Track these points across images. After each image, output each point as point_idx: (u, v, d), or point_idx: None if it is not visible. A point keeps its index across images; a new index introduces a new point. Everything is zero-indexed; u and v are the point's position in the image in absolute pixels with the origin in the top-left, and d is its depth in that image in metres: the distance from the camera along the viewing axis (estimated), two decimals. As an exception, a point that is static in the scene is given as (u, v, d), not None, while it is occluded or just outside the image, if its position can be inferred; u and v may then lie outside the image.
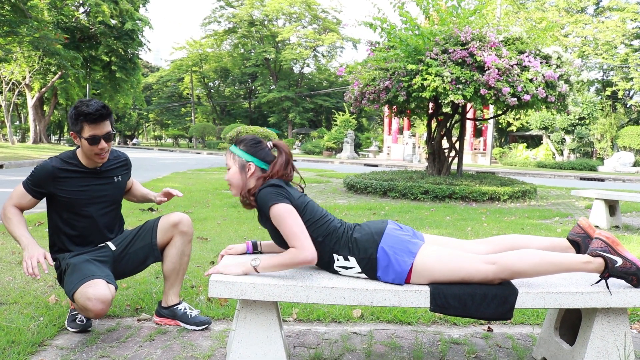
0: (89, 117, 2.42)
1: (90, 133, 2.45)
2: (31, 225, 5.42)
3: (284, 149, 2.27)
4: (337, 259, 2.13)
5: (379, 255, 2.07)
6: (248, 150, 2.26)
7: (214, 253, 4.30)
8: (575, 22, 31.93)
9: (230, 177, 2.26)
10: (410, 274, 2.05)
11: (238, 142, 2.29)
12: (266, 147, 2.29)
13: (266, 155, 2.27)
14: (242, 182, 2.25)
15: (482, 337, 2.70)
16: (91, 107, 2.43)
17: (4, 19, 20.63)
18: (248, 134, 17.39)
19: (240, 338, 2.03)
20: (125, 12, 31.13)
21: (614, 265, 2.04)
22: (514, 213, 7.72)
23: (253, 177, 2.24)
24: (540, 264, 2.03)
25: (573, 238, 2.27)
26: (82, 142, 2.48)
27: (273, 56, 46.36)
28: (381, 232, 2.13)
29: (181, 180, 11.61)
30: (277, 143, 2.31)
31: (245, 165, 2.24)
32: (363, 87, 9.63)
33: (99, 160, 2.54)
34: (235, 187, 2.26)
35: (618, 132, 27.33)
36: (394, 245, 2.08)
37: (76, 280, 2.37)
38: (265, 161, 2.25)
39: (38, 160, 17.03)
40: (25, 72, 30.34)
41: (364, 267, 2.09)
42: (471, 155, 28.03)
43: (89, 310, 2.31)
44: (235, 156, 2.27)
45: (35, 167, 2.54)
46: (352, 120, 35.85)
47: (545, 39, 9.43)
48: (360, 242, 2.11)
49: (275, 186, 2.14)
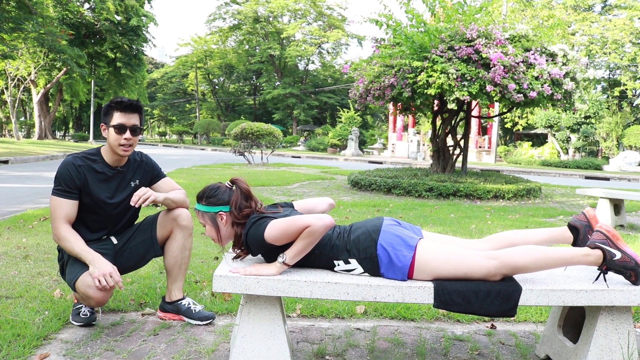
0: (120, 104, 2.51)
1: (119, 121, 2.50)
2: (36, 220, 5.45)
3: (239, 184, 2.27)
4: (337, 264, 2.12)
5: (379, 252, 2.06)
6: (209, 202, 2.25)
7: (218, 248, 4.31)
8: (582, 20, 31.75)
9: (209, 234, 2.27)
10: (413, 269, 2.04)
11: (199, 199, 2.29)
12: (226, 189, 2.28)
13: (229, 197, 2.25)
14: (223, 233, 2.25)
15: (485, 334, 2.70)
16: (124, 98, 2.54)
17: (10, 15, 20.67)
18: (251, 129, 17.12)
19: (244, 333, 2.03)
20: (130, 8, 31.20)
21: (612, 258, 2.04)
22: (518, 211, 7.71)
23: (228, 224, 2.23)
24: (540, 259, 2.03)
25: (575, 224, 2.27)
26: (109, 132, 2.52)
27: (278, 53, 46.33)
28: (378, 229, 2.12)
29: (186, 177, 11.63)
30: (234, 180, 2.30)
31: (214, 217, 2.24)
32: (368, 84, 9.61)
33: (122, 152, 2.54)
34: (219, 240, 2.27)
35: (624, 131, 27.21)
36: (392, 240, 2.07)
37: (77, 269, 2.40)
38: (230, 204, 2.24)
39: (43, 156, 17.09)
40: (30, 68, 30.42)
41: (366, 267, 2.09)
42: (476, 153, 27.95)
43: (90, 297, 2.33)
44: (203, 213, 2.27)
45: (61, 169, 2.50)
46: (356, 117, 35.82)
47: (552, 37, 9.39)
48: (359, 242, 2.10)
49: (255, 220, 2.15)
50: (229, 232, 2.25)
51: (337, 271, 2.14)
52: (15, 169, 12.77)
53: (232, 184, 2.29)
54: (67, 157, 2.56)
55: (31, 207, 6.47)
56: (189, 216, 2.72)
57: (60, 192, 2.48)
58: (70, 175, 2.48)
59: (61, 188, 2.47)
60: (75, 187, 2.49)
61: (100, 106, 46.96)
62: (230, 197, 2.25)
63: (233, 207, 2.21)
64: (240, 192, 2.25)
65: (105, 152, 2.60)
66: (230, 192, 2.26)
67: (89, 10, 32.40)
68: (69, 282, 2.46)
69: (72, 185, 2.48)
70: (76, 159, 2.54)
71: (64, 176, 2.48)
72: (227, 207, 2.23)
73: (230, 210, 2.22)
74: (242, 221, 2.21)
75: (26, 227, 5.07)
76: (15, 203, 6.94)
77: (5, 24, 20.57)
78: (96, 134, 41.37)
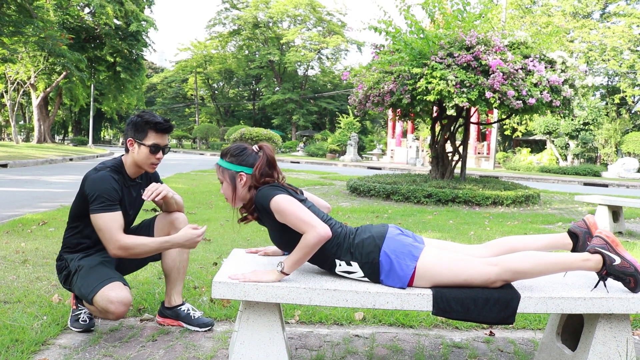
0: (159, 126, 2.50)
1: (155, 141, 2.50)
2: (35, 224, 5.44)
3: (266, 150, 2.24)
4: (339, 264, 2.13)
5: (381, 259, 2.07)
6: (234, 160, 2.22)
7: (217, 254, 4.31)
8: (581, 27, 31.86)
9: (225, 192, 2.24)
10: (413, 278, 2.05)
11: (224, 155, 2.25)
12: (252, 152, 2.25)
13: (254, 160, 2.22)
14: (238, 194, 2.22)
15: (483, 341, 2.70)
16: (159, 118, 2.51)
17: (10, 19, 20.71)
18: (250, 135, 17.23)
19: (243, 339, 2.03)
20: (130, 13, 31.24)
21: (612, 263, 2.04)
22: (517, 218, 7.71)
23: (246, 186, 2.21)
24: (540, 264, 2.04)
25: (575, 230, 2.28)
26: (141, 150, 2.50)
27: (277, 58, 46.42)
28: (383, 236, 2.13)
29: (185, 182, 11.63)
30: (262, 145, 2.27)
31: (235, 176, 2.22)
32: (367, 90, 9.64)
33: (150, 170, 2.58)
34: (232, 200, 2.24)
35: (622, 137, 27.26)
36: (396, 249, 2.08)
37: (94, 283, 2.39)
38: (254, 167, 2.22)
39: (42, 160, 17.06)
40: (30, 72, 30.42)
41: (366, 271, 2.09)
42: (475, 159, 27.99)
43: (111, 312, 2.32)
44: (224, 169, 2.24)
45: (94, 187, 2.42)
46: (355, 123, 35.87)
47: (551, 44, 9.43)
48: (362, 246, 2.11)
49: (272, 186, 2.15)
50: (244, 194, 2.22)
51: (337, 272, 2.14)
52: (14, 172, 12.76)
53: (259, 149, 2.27)
54: (100, 171, 2.49)
55: (30, 212, 6.46)
56: (185, 220, 2.73)
57: (106, 208, 2.40)
58: (114, 189, 2.45)
59: (106, 203, 2.41)
60: (118, 199, 2.47)
61: (99, 111, 47.10)
62: (255, 160, 2.21)
63: (256, 170, 2.19)
64: (266, 158, 2.22)
65: (128, 164, 2.58)
66: (256, 156, 2.23)
67: (89, 15, 32.46)
68: (84, 296, 2.42)
69: (116, 198, 2.45)
70: (111, 172, 2.50)
71: (108, 190, 2.42)
72: (250, 170, 2.20)
73: (252, 173, 2.20)
74: (261, 187, 2.18)
75: (25, 232, 5.06)
76: (14, 207, 6.93)
77: (6, 27, 20.60)
78: (95, 138, 41.38)
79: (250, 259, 2.39)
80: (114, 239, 2.37)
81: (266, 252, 2.48)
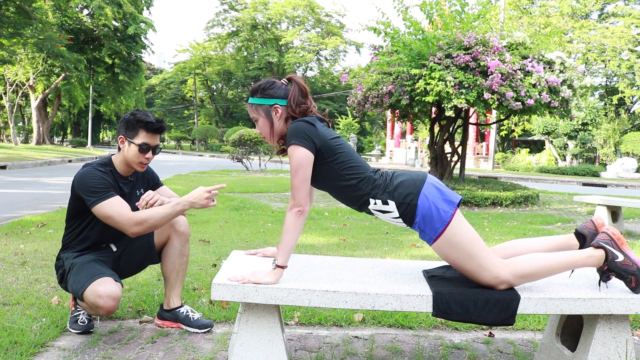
0: (150, 125, 2.50)
1: (144, 140, 2.50)
2: (34, 226, 5.43)
3: (297, 80, 2.21)
4: (374, 202, 2.10)
5: (420, 201, 2.05)
6: (265, 94, 2.18)
7: (216, 256, 4.30)
8: (579, 27, 31.89)
9: (261, 129, 2.20)
10: (444, 231, 2.03)
11: (254, 92, 2.21)
12: (282, 85, 2.22)
13: (286, 92, 2.19)
14: (275, 127, 2.19)
15: (483, 342, 2.70)
16: (151, 118, 2.52)
17: (9, 21, 20.69)
18: (249, 136, 17.14)
19: (242, 341, 2.03)
20: (129, 14, 31.23)
21: (614, 260, 2.04)
22: (516, 218, 7.71)
23: (282, 118, 2.18)
24: (547, 265, 2.05)
25: (583, 231, 2.28)
26: (131, 148, 2.50)
27: (276, 59, 46.43)
28: (423, 180, 2.11)
29: (184, 183, 11.63)
30: (291, 77, 2.24)
31: (269, 110, 2.18)
32: (366, 91, 9.64)
33: (139, 169, 2.57)
34: (270, 136, 2.20)
35: (621, 137, 27.27)
36: (434, 194, 2.07)
37: (84, 278, 2.39)
38: (287, 98, 2.18)
39: (41, 162, 17.06)
40: (29, 74, 30.39)
41: (402, 212, 2.08)
42: (473, 160, 27.98)
43: (100, 307, 2.32)
44: (257, 106, 2.20)
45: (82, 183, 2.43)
46: (354, 124, 35.86)
47: (549, 45, 9.44)
48: (401, 187, 2.09)
49: (307, 123, 2.09)
50: (282, 127, 2.18)
51: (371, 209, 2.12)
52: (13, 174, 12.75)
53: (289, 81, 2.24)
54: (85, 167, 2.50)
55: (29, 213, 6.45)
56: (186, 222, 2.73)
57: (102, 197, 2.39)
58: (102, 177, 2.45)
59: (101, 193, 2.40)
60: (110, 186, 2.46)
61: (98, 112, 47.06)
62: (287, 92, 2.18)
63: (291, 100, 2.16)
64: (298, 88, 2.19)
65: (118, 162, 2.59)
66: (287, 88, 2.20)
67: (88, 16, 32.44)
68: (75, 292, 2.43)
69: (108, 185, 2.45)
70: (97, 166, 2.51)
71: (96, 180, 2.42)
72: (284, 101, 2.17)
73: (287, 104, 2.17)
74: (298, 117, 2.15)
75: (24, 233, 5.06)
76: (13, 209, 6.92)
77: (5, 29, 20.58)
78: (94, 139, 41.33)
79: (249, 260, 2.39)
80: (126, 217, 2.37)
81: (265, 254, 2.48)
